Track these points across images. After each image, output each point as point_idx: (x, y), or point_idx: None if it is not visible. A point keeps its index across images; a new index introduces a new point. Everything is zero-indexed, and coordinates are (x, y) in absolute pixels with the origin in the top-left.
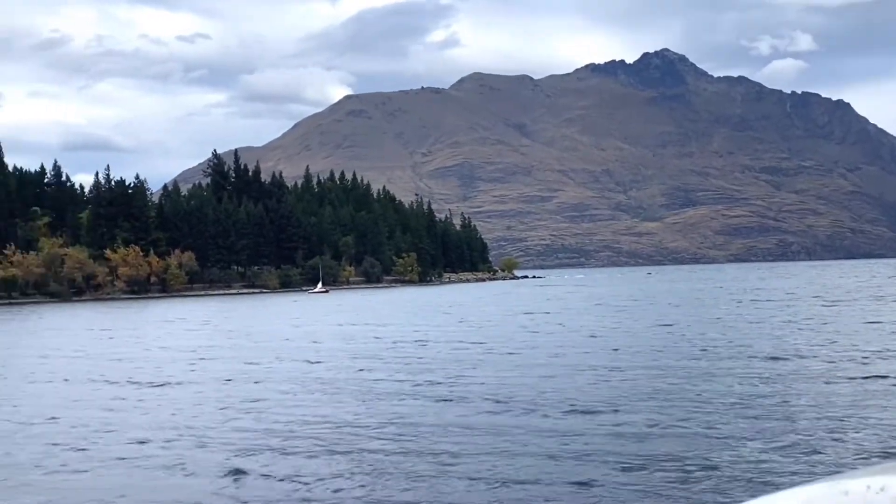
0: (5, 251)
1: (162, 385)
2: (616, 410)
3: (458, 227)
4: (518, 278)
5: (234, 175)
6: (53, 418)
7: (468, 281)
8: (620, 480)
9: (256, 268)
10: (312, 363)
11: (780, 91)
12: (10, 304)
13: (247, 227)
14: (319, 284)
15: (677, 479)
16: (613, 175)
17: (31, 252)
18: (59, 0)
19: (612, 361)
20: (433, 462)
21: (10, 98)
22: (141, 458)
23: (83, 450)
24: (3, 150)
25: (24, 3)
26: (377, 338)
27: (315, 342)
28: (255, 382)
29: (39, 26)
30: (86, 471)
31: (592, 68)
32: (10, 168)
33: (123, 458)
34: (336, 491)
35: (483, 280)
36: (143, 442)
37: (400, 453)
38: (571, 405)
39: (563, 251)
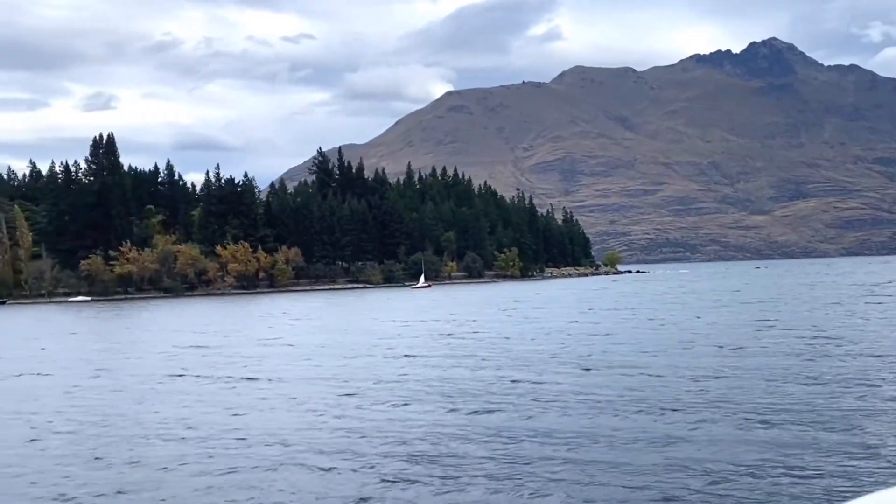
0: (122, 248)
1: (277, 380)
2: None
3: (559, 222)
4: (621, 273)
5: (338, 172)
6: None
7: (570, 276)
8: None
9: (360, 263)
10: (413, 359)
11: (894, 79)
12: (127, 299)
13: (350, 223)
14: (422, 279)
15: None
16: (720, 167)
17: (146, 249)
18: (171, 4)
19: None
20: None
21: (125, 100)
22: (242, 457)
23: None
24: (119, 150)
25: (138, 8)
26: (477, 333)
27: (418, 337)
28: (375, 382)
29: (152, 30)
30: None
31: (697, 59)
32: (126, 168)
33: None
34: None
35: (585, 275)
36: (242, 439)
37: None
38: (721, 407)
39: (668, 245)
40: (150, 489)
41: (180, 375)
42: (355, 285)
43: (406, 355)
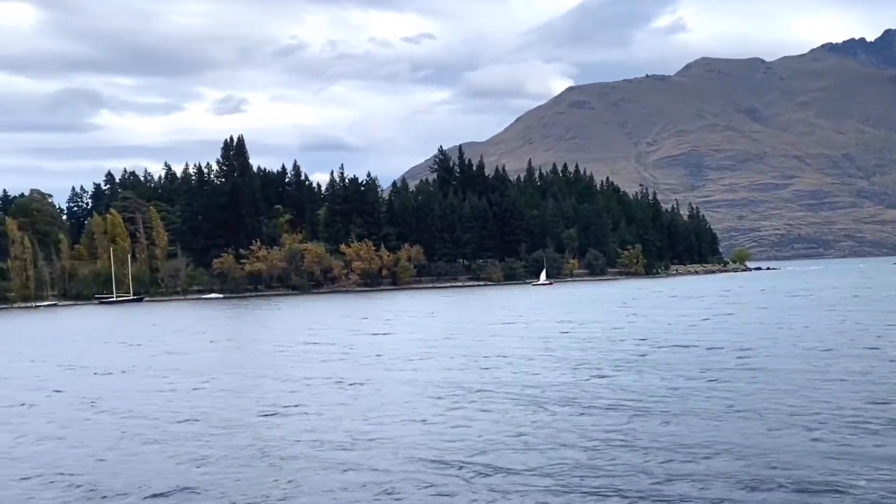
0: (251, 247)
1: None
2: None
3: (685, 218)
4: (750, 270)
5: (458, 170)
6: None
7: (696, 273)
8: None
9: (481, 261)
10: (538, 359)
11: None
12: (257, 296)
13: (471, 221)
14: (543, 277)
15: None
16: (854, 160)
17: (274, 247)
18: (297, 8)
19: None
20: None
21: (254, 103)
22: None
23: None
24: (249, 152)
25: (266, 14)
26: (602, 333)
27: (545, 336)
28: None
29: (279, 35)
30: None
31: (829, 48)
32: (255, 169)
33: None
34: None
35: (713, 272)
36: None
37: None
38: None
39: (800, 241)
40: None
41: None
42: (476, 283)
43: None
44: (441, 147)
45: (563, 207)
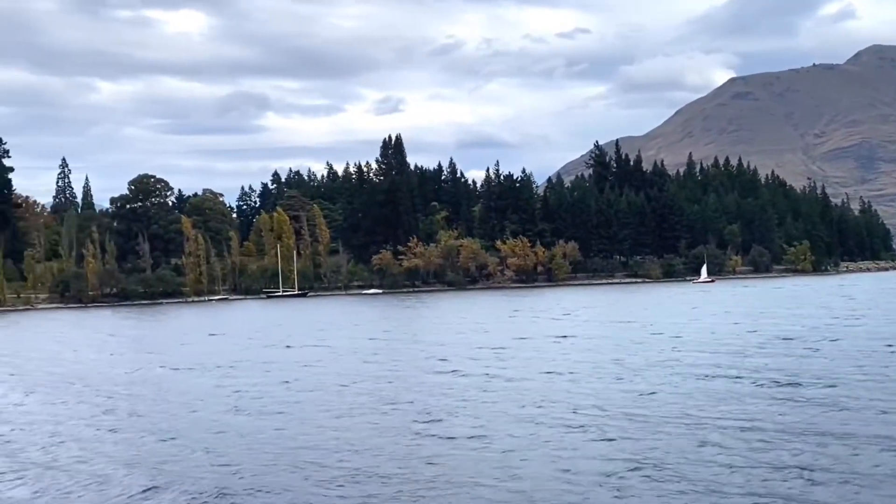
0: (409, 243)
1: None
2: None
3: (856, 213)
4: None
5: (615, 165)
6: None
7: (868, 270)
8: None
9: (638, 257)
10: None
11: None
12: (414, 291)
13: (628, 216)
14: (703, 274)
15: None
16: None
17: (431, 244)
18: (454, 8)
19: None
20: None
21: (412, 103)
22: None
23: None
24: (406, 150)
25: (423, 14)
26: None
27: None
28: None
29: (436, 34)
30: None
31: None
32: (413, 167)
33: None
34: None
35: (885, 269)
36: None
37: None
38: None
39: None
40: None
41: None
42: (633, 280)
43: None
44: (597, 142)
45: (726, 202)
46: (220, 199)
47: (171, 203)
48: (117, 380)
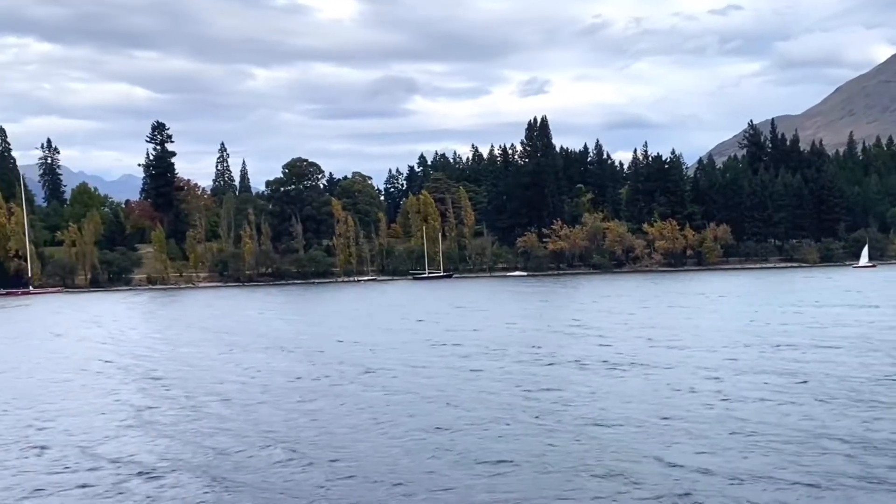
0: (554, 226)
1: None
2: None
3: None
4: None
5: (770, 145)
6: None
7: None
8: None
9: (794, 241)
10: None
11: None
12: (559, 274)
13: (784, 198)
14: (864, 258)
15: None
16: None
17: (577, 226)
18: None
19: None
20: None
21: (558, 84)
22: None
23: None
24: (552, 132)
25: None
26: None
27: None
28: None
29: (582, 14)
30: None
31: None
32: (558, 149)
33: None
34: None
35: None
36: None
37: None
38: None
39: None
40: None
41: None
42: (789, 264)
43: None
44: (751, 121)
45: (889, 184)
46: (369, 181)
47: (322, 186)
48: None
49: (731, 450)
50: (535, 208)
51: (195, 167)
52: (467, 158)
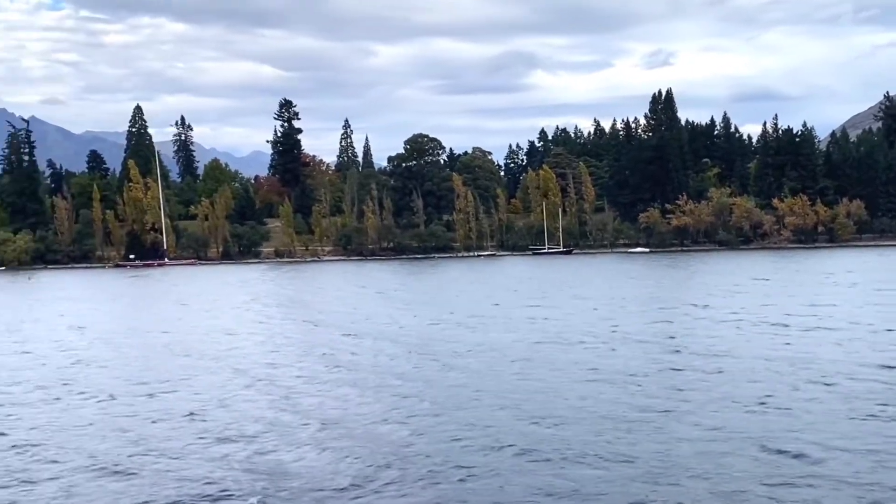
0: (678, 201)
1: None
2: None
3: None
4: None
5: None
6: None
7: None
8: None
9: None
10: None
11: None
12: (682, 251)
13: None
14: None
15: None
16: None
17: (702, 202)
18: None
19: None
20: None
21: (683, 55)
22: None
23: None
24: (677, 105)
25: None
26: None
27: None
28: None
29: None
30: None
31: None
32: (683, 122)
33: None
34: None
35: None
36: None
37: None
38: None
39: None
40: None
41: None
42: None
43: None
44: (887, 93)
45: None
46: (489, 157)
47: (443, 161)
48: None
49: None
50: (659, 183)
51: (320, 143)
52: (589, 133)
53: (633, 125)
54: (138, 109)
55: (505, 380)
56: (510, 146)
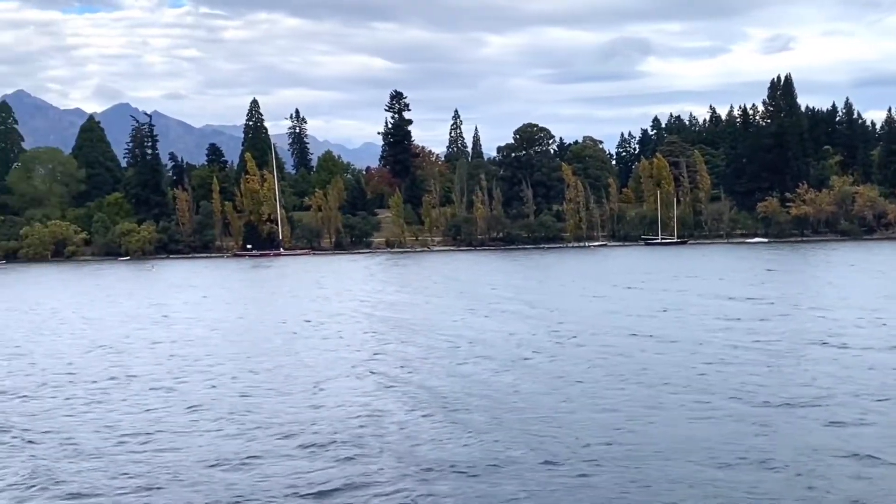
0: (798, 190)
1: None
2: None
3: None
4: None
5: None
6: None
7: None
8: None
9: None
10: None
11: None
12: (802, 241)
13: None
14: None
15: None
16: None
17: (823, 190)
18: None
19: None
20: None
21: (803, 40)
22: None
23: None
24: (797, 91)
25: None
26: None
27: None
28: None
29: None
30: None
31: None
32: (803, 108)
33: None
34: None
35: None
36: None
37: None
38: None
39: None
40: None
41: None
42: None
43: None
44: None
45: None
46: (600, 146)
47: (552, 151)
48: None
49: None
50: (777, 171)
51: (430, 134)
52: (704, 120)
53: (751, 112)
54: (255, 103)
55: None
56: (622, 135)
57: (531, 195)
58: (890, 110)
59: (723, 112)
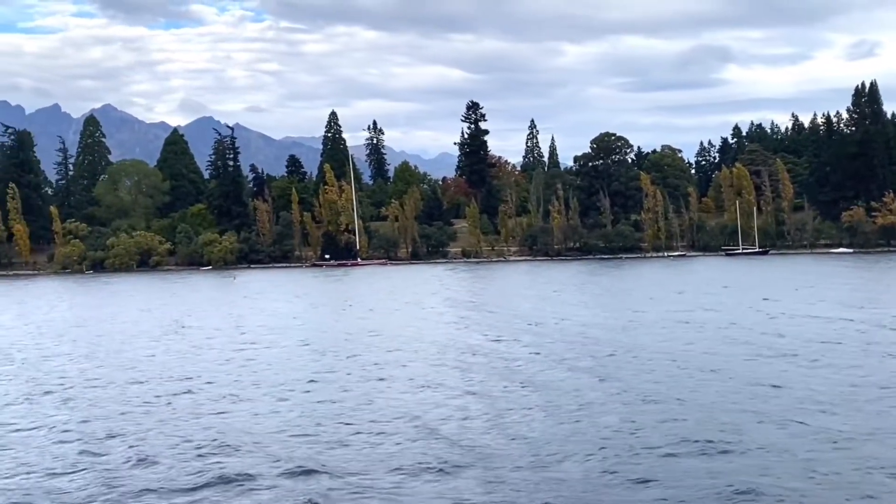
0: (884, 198)
1: None
2: None
3: None
4: None
5: None
6: None
7: None
8: None
9: None
10: None
11: None
12: (890, 251)
13: None
14: None
15: None
16: None
17: None
18: None
19: None
20: None
21: (889, 46)
22: None
23: None
24: (882, 98)
25: None
26: None
27: None
28: None
29: None
30: None
31: None
32: (889, 116)
33: None
34: None
35: None
36: None
37: None
38: None
39: None
40: None
41: None
42: None
43: None
44: None
45: None
46: (679, 154)
47: (630, 160)
48: None
49: None
50: (863, 180)
51: (506, 144)
52: (786, 128)
53: (835, 119)
54: (333, 115)
55: None
56: (701, 143)
57: (608, 204)
58: None
59: (805, 120)
